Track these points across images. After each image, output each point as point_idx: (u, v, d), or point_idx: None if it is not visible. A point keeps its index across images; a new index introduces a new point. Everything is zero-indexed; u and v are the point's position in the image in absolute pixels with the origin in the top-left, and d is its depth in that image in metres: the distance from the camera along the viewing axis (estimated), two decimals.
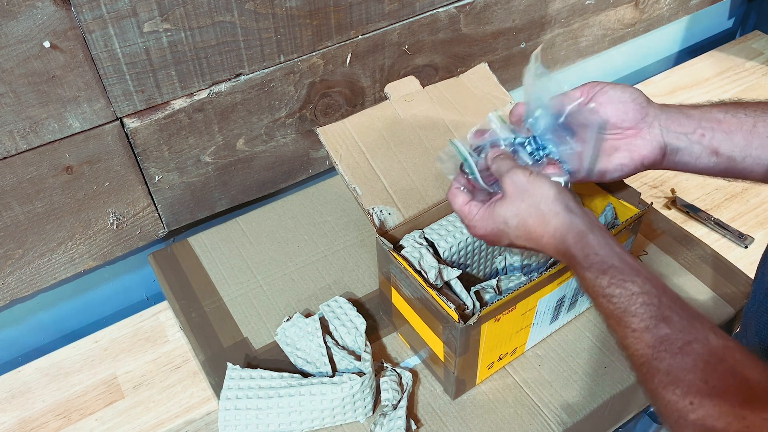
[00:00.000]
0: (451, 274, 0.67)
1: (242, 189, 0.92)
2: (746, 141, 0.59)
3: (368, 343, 0.73)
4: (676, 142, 0.61)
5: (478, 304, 0.67)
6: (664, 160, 0.62)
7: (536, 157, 0.64)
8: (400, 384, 0.73)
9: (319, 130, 0.74)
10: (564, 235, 0.57)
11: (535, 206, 0.58)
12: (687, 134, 0.60)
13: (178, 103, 0.77)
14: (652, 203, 0.75)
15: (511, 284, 0.69)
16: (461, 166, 0.66)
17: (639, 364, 0.50)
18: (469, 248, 0.73)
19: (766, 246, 0.63)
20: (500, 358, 0.72)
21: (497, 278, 0.72)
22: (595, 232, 0.56)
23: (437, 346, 0.68)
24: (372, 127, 0.76)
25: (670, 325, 0.49)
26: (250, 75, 0.80)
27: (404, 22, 0.89)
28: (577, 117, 0.63)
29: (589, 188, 0.77)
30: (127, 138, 0.76)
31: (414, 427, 0.69)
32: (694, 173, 0.63)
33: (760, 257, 0.64)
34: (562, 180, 0.62)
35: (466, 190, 0.64)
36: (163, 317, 0.85)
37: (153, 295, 1.00)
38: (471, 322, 0.60)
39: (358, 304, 0.80)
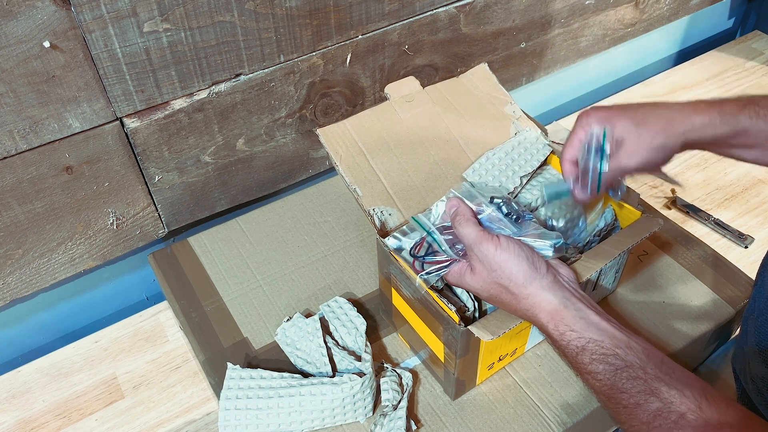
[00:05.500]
0: None
1: (242, 189, 0.92)
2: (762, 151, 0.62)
3: (368, 343, 0.73)
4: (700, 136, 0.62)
5: (478, 304, 0.67)
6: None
7: (514, 217, 0.62)
8: (400, 384, 0.73)
9: (319, 131, 0.73)
10: (537, 314, 0.57)
11: (504, 287, 0.57)
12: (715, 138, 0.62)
13: (178, 103, 0.77)
14: (644, 211, 0.73)
15: None
16: (410, 250, 0.64)
17: None
18: None
19: (767, 252, 0.63)
20: (500, 359, 0.72)
21: None
22: (569, 306, 0.55)
23: (437, 347, 0.68)
24: (372, 127, 0.76)
25: (661, 397, 0.49)
26: (250, 75, 0.80)
27: (404, 22, 0.89)
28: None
29: None
30: (127, 138, 0.76)
31: (414, 427, 0.69)
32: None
33: (759, 258, 0.64)
34: (547, 250, 0.60)
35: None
36: (163, 317, 0.85)
37: (153, 295, 1.00)
38: (474, 333, 0.60)
39: (358, 304, 0.80)
